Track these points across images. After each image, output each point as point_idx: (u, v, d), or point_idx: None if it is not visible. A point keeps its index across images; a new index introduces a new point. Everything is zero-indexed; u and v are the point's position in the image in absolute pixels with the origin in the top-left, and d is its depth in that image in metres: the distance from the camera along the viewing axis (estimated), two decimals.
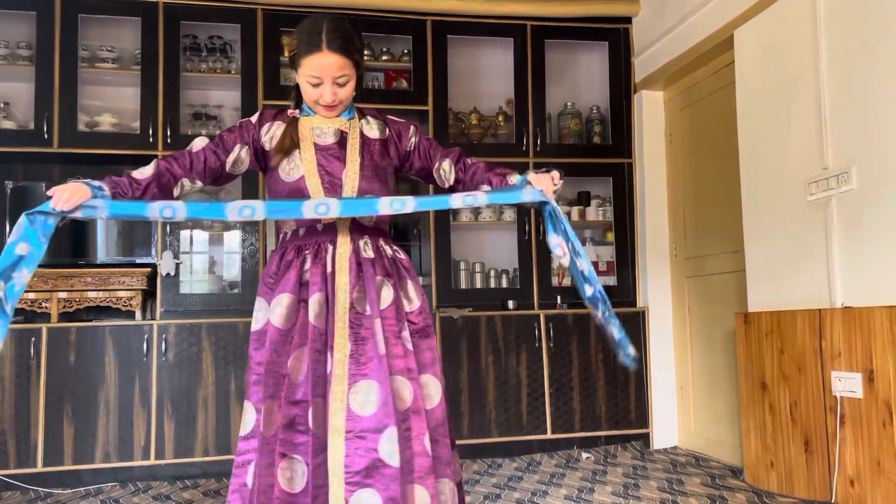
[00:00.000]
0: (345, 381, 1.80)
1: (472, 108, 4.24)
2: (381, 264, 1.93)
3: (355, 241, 1.91)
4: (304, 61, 1.88)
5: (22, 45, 3.74)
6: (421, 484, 1.81)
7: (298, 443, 1.81)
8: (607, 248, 4.21)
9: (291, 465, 1.80)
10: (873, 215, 2.59)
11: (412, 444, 1.82)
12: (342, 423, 1.78)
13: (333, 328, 1.84)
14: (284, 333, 1.86)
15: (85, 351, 3.44)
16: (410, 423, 1.83)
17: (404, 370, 1.86)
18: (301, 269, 1.89)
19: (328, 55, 1.86)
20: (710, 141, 3.74)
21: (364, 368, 1.82)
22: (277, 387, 1.83)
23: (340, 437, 1.78)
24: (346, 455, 1.76)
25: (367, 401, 1.79)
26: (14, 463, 3.32)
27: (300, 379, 1.83)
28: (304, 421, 1.81)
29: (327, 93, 1.89)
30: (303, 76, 1.90)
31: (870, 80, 2.61)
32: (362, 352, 1.83)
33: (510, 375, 3.83)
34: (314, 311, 1.84)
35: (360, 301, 1.87)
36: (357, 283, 1.88)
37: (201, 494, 3.24)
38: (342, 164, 1.92)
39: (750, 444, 3.11)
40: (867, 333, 2.52)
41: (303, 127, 1.97)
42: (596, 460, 3.70)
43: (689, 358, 3.91)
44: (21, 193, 3.70)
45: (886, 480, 2.44)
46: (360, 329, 1.85)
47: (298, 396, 1.82)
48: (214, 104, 4.01)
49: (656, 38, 3.95)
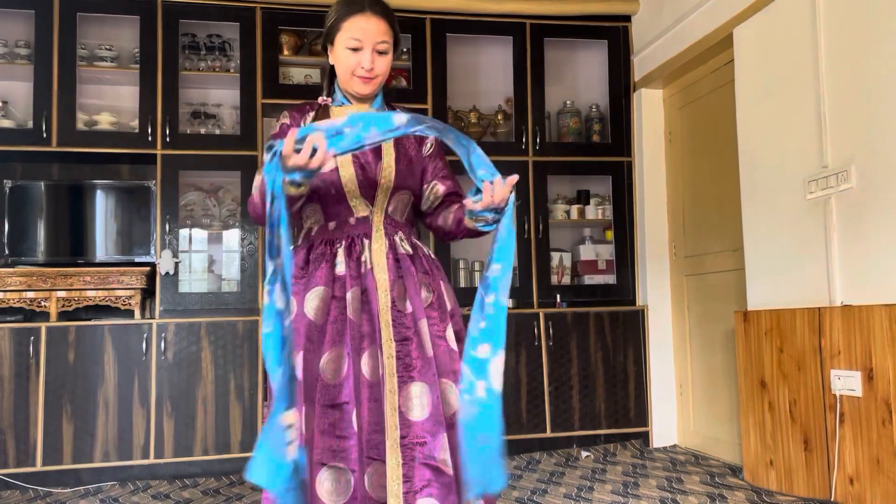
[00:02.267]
0: (394, 383, 1.68)
1: (471, 106, 4.24)
2: (419, 262, 1.81)
3: (390, 235, 1.79)
4: (346, 24, 1.78)
5: (20, 43, 3.73)
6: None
7: (341, 449, 1.66)
8: (606, 246, 4.21)
9: (333, 475, 1.65)
10: (873, 213, 2.59)
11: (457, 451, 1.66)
12: (395, 428, 1.65)
13: (378, 327, 1.71)
14: (319, 329, 1.71)
15: (84, 350, 3.43)
16: (455, 429, 1.66)
17: (450, 373, 1.72)
18: (333, 263, 1.76)
19: (371, 18, 1.78)
20: (709, 139, 3.73)
21: (412, 370, 1.70)
22: (312, 388, 1.68)
23: (395, 444, 1.65)
24: (402, 463, 1.64)
25: (420, 404, 1.67)
26: (13, 462, 3.32)
27: (339, 380, 1.69)
28: (347, 426, 1.67)
29: (367, 58, 1.77)
30: (341, 43, 1.78)
31: (869, 78, 2.61)
32: (407, 352, 1.70)
33: (509, 374, 3.83)
34: (353, 307, 1.71)
35: (400, 299, 1.74)
36: (397, 281, 1.75)
37: (201, 493, 3.24)
38: (376, 157, 1.80)
39: (749, 442, 3.11)
40: (867, 332, 2.53)
41: (334, 117, 1.79)
42: (595, 459, 3.70)
43: (688, 356, 3.91)
44: (20, 192, 3.70)
45: (886, 479, 2.44)
46: (402, 328, 1.72)
47: (341, 398, 1.68)
48: (213, 103, 4.01)
49: (655, 37, 3.95)
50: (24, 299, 3.50)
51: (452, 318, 1.81)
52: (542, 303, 4.00)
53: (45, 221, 3.73)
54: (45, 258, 3.69)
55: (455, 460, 1.64)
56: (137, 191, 3.83)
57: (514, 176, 1.66)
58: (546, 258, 4.04)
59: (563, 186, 4.35)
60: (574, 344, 3.92)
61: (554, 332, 3.90)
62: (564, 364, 3.90)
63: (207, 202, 4.00)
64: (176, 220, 3.68)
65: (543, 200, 4.07)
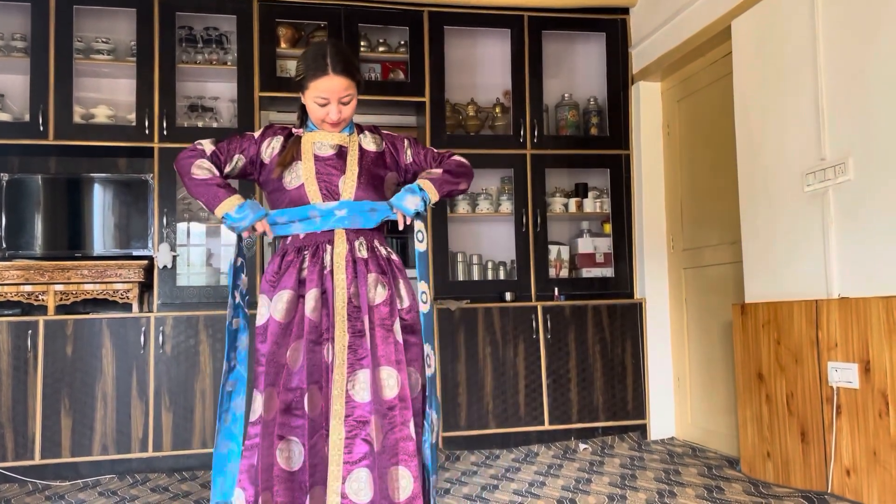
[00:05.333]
0: (344, 370, 1.99)
1: (469, 99, 4.23)
2: (374, 263, 2.10)
3: (351, 241, 2.08)
4: (312, 84, 2.06)
5: (16, 36, 3.72)
6: (405, 465, 1.97)
7: (295, 426, 1.99)
8: (604, 239, 4.21)
9: (289, 447, 1.98)
10: (870, 206, 2.59)
11: (396, 429, 1.98)
12: (342, 408, 1.97)
13: (333, 321, 2.02)
14: (284, 326, 2.03)
15: (82, 343, 3.43)
16: (396, 410, 1.99)
17: (394, 361, 2.02)
18: (300, 268, 2.06)
19: (334, 78, 2.04)
20: (707, 132, 3.73)
21: (362, 359, 2.01)
22: (277, 375, 2.01)
23: (340, 420, 1.96)
24: (346, 437, 1.95)
25: (364, 388, 1.98)
26: (12, 455, 3.32)
27: (296, 368, 2.01)
28: (300, 406, 2.00)
29: (333, 112, 2.08)
30: (310, 98, 2.08)
31: (868, 70, 2.61)
32: (359, 343, 2.01)
33: (507, 367, 3.83)
34: (310, 305, 2.02)
35: (356, 296, 2.05)
36: (354, 280, 2.06)
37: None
38: (339, 173, 2.10)
39: (746, 434, 3.12)
40: (864, 324, 2.53)
41: (305, 142, 2.14)
42: (593, 451, 3.71)
43: (686, 349, 3.92)
44: (16, 186, 3.69)
45: (882, 470, 2.45)
46: (357, 322, 2.03)
47: (294, 384, 2.00)
48: (210, 96, 4.00)
49: (653, 29, 3.94)
50: (22, 293, 3.50)
51: (409, 314, 2.12)
52: (540, 296, 4.00)
53: (42, 215, 3.73)
54: (42, 252, 3.68)
55: (390, 435, 1.97)
56: (135, 184, 3.82)
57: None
58: (544, 251, 4.04)
59: (561, 179, 4.34)
60: (572, 337, 3.92)
61: (552, 325, 3.90)
62: (562, 357, 3.90)
63: None
64: (174, 213, 3.68)
65: (541, 193, 4.07)
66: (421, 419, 2.09)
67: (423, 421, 2.09)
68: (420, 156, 2.24)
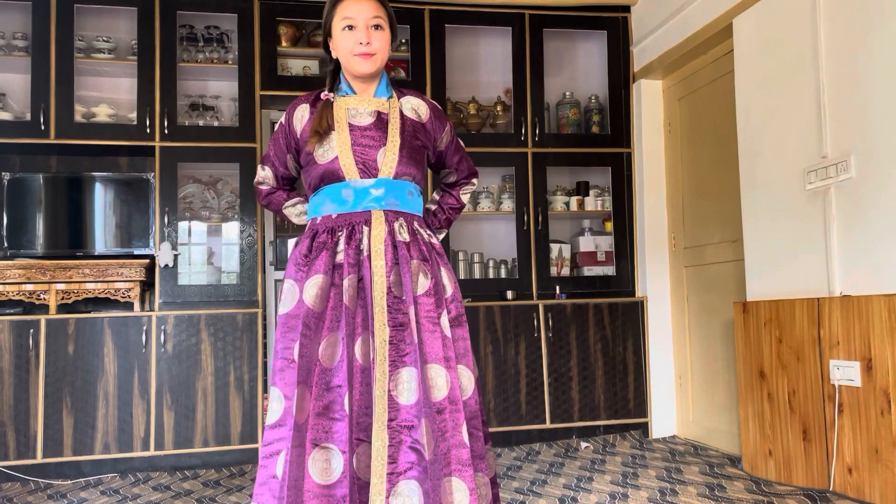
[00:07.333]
0: (385, 368, 1.74)
1: (470, 97, 4.23)
2: (417, 248, 1.85)
3: (390, 222, 1.84)
4: (338, 8, 1.86)
5: (17, 35, 3.72)
6: (459, 476, 1.71)
7: (334, 431, 1.72)
8: (606, 237, 4.20)
9: (326, 455, 1.71)
10: (872, 204, 2.59)
11: (448, 435, 1.73)
12: (384, 411, 1.71)
13: (371, 312, 1.77)
14: (317, 316, 1.77)
15: (84, 342, 3.44)
16: (447, 413, 1.74)
17: (442, 358, 1.77)
18: (334, 251, 1.81)
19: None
20: (708, 130, 3.73)
21: (404, 355, 1.76)
22: (310, 372, 1.74)
23: (382, 425, 1.70)
24: (389, 444, 1.69)
25: (409, 389, 1.73)
26: (14, 454, 3.33)
27: (334, 364, 1.75)
28: (339, 408, 1.72)
29: (362, 34, 1.83)
30: (337, 27, 1.86)
31: (869, 68, 2.61)
32: (401, 338, 1.76)
33: (509, 365, 3.83)
34: (348, 294, 1.77)
35: (396, 285, 1.80)
36: (394, 267, 1.80)
37: (201, 485, 3.25)
38: (378, 145, 1.85)
39: (748, 432, 3.12)
40: (865, 322, 2.53)
41: (338, 109, 1.88)
42: (595, 449, 3.71)
43: (687, 347, 3.91)
44: (18, 185, 3.69)
45: (884, 468, 2.45)
46: (398, 314, 1.78)
47: (335, 382, 1.74)
48: (212, 94, 4.00)
49: (655, 27, 3.93)
50: (24, 292, 3.50)
51: (454, 304, 1.87)
52: (542, 294, 4.00)
53: (43, 214, 3.73)
54: (44, 251, 3.69)
55: (441, 442, 1.71)
56: (136, 183, 3.83)
57: None
58: (545, 249, 4.04)
59: (562, 178, 4.34)
60: (573, 335, 3.92)
61: (553, 323, 3.90)
62: (564, 355, 3.90)
63: (206, 194, 4.00)
64: (175, 212, 3.68)
65: (543, 192, 4.06)
66: (479, 423, 1.84)
67: (481, 425, 1.84)
68: (450, 151, 2.06)
